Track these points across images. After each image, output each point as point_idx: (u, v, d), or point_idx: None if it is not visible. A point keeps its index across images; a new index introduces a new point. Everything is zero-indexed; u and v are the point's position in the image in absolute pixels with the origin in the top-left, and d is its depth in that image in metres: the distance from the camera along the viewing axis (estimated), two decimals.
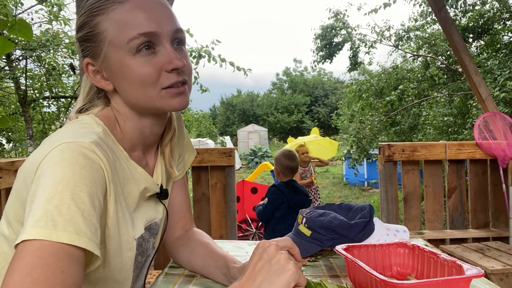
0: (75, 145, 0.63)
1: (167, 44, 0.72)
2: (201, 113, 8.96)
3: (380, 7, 6.74)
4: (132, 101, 0.75)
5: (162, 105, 0.74)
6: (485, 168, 2.87)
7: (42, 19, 5.56)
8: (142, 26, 0.70)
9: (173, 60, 0.71)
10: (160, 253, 2.67)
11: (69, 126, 0.73)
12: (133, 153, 0.80)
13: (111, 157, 0.70)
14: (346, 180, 10.86)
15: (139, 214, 0.79)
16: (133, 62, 0.70)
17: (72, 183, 0.58)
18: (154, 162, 0.87)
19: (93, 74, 0.76)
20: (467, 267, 0.69)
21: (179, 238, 0.99)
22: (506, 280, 2.13)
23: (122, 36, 0.70)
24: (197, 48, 5.77)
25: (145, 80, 0.71)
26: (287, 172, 2.98)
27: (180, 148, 0.99)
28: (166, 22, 0.72)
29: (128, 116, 0.78)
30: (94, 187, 0.61)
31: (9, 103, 7.04)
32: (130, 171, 0.76)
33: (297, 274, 0.60)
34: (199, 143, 12.91)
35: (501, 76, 5.09)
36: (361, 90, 7.56)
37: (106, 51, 0.72)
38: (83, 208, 0.58)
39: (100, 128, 0.73)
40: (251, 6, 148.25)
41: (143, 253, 0.81)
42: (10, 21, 1.53)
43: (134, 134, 0.79)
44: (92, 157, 0.63)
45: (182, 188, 1.01)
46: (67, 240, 0.54)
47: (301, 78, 38.13)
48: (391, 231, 1.08)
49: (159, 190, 0.84)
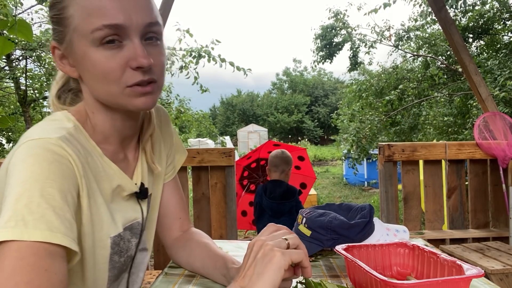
0: (41, 142, 0.61)
1: (136, 39, 0.66)
2: (201, 113, 8.96)
3: (380, 7, 6.74)
4: (95, 94, 0.71)
5: (125, 104, 0.69)
6: (485, 168, 2.87)
7: (42, 19, 5.56)
8: (108, 17, 0.64)
9: (139, 57, 0.65)
10: (160, 253, 2.67)
11: (40, 123, 0.71)
12: (107, 146, 0.76)
13: (82, 153, 0.68)
14: (346, 180, 10.86)
15: (118, 212, 0.76)
16: (95, 54, 0.65)
17: (41, 179, 0.57)
18: (135, 156, 0.84)
19: (59, 58, 0.72)
20: (467, 267, 0.69)
21: (178, 239, 0.98)
22: (506, 280, 2.13)
23: (87, 25, 0.64)
24: (197, 48, 5.77)
25: (107, 76, 0.66)
26: (271, 167, 2.82)
27: (168, 148, 0.96)
28: (138, 13, 0.66)
29: (96, 108, 0.74)
30: (65, 183, 0.60)
31: (9, 103, 7.04)
32: (103, 167, 0.73)
33: (284, 256, 0.60)
34: (199, 143, 12.91)
35: (501, 76, 5.10)
36: (361, 90, 7.57)
37: (71, 38, 0.67)
38: (54, 204, 0.56)
39: (71, 123, 0.71)
40: (251, 6, 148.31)
41: (121, 253, 0.77)
42: (10, 21, 1.53)
43: (104, 127, 0.75)
44: (60, 153, 0.62)
45: (175, 189, 0.99)
46: (39, 237, 0.53)
47: (301, 78, 38.15)
48: (391, 231, 1.08)
49: (138, 189, 0.81)
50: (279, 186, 2.75)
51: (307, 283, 0.74)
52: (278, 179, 2.78)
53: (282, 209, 2.66)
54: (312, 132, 32.78)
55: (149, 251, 0.92)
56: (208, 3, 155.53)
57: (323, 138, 32.67)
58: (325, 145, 28.32)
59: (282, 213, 2.67)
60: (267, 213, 2.71)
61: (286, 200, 2.70)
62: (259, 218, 2.80)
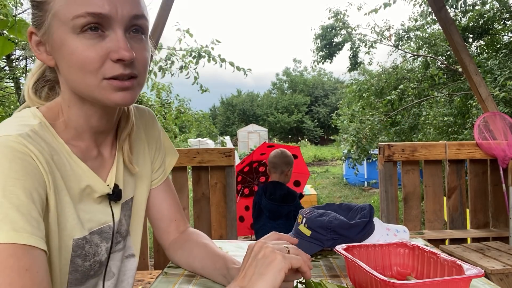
0: (0, 139, 0.59)
1: (119, 30, 0.63)
2: (201, 113, 8.96)
3: (380, 7, 6.74)
4: (70, 85, 0.68)
5: (101, 97, 0.65)
6: (485, 168, 2.87)
7: None
8: (92, 5, 0.61)
9: (120, 49, 0.62)
10: (160, 253, 2.67)
11: (4, 121, 0.68)
12: (79, 143, 0.73)
13: (47, 150, 0.65)
14: (346, 180, 10.86)
15: (86, 215, 0.73)
16: (74, 42, 0.62)
17: (2, 178, 0.55)
18: (111, 154, 0.80)
19: (35, 45, 0.69)
20: (467, 267, 0.69)
21: (176, 240, 0.98)
22: (506, 280, 2.13)
23: (69, 10, 0.61)
24: (197, 48, 5.76)
25: (85, 66, 0.63)
26: (271, 168, 2.80)
27: (154, 151, 0.93)
28: (124, 4, 0.63)
29: (72, 101, 0.70)
30: (30, 180, 0.58)
31: (9, 103, 7.03)
32: (70, 166, 0.70)
33: (285, 260, 0.60)
34: (199, 143, 12.91)
35: (501, 76, 5.09)
36: (361, 90, 7.57)
37: (50, 23, 0.64)
38: (18, 203, 0.54)
39: (37, 120, 0.68)
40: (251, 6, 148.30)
41: (85, 257, 0.73)
42: (10, 21, 1.53)
43: (78, 122, 0.72)
44: (21, 149, 0.59)
45: (167, 192, 0.97)
46: (4, 239, 0.52)
47: (301, 78, 38.16)
48: (391, 231, 1.08)
49: (110, 191, 0.77)
50: (280, 188, 2.73)
51: (307, 283, 0.74)
52: (279, 181, 2.76)
53: (280, 212, 2.64)
54: (312, 132, 32.79)
55: (137, 257, 0.91)
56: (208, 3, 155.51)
57: (323, 138, 32.67)
58: (325, 145, 28.32)
59: (280, 216, 2.66)
60: (264, 214, 2.70)
61: (285, 203, 2.67)
62: (256, 218, 2.80)
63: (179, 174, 2.69)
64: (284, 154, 2.80)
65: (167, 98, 7.45)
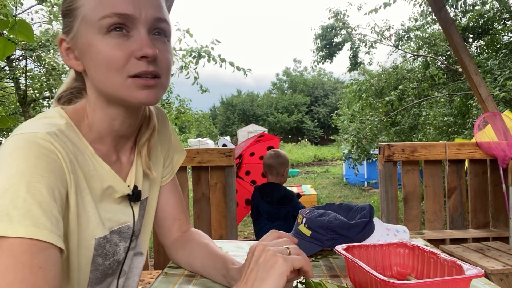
0: (28, 136, 0.60)
1: (143, 30, 0.67)
2: (201, 113, 8.95)
3: (380, 7, 6.75)
4: (97, 85, 0.70)
5: (126, 95, 0.68)
6: (485, 168, 2.87)
7: (42, 19, 5.55)
8: (118, 6, 0.65)
9: (144, 46, 0.66)
10: (160, 253, 2.67)
11: (31, 119, 0.70)
12: (100, 146, 0.75)
13: (72, 149, 0.67)
14: (346, 180, 10.85)
15: (107, 214, 0.75)
16: (101, 42, 0.66)
17: (27, 174, 0.56)
18: (130, 159, 0.83)
19: (65, 52, 0.72)
20: (467, 267, 0.69)
21: (177, 240, 0.98)
22: (506, 280, 2.13)
23: (96, 12, 0.65)
24: (197, 48, 5.77)
25: (111, 64, 0.66)
26: (266, 170, 2.79)
27: (166, 150, 0.95)
28: (147, 7, 0.67)
29: (97, 105, 0.73)
30: (53, 178, 0.59)
31: (9, 103, 7.03)
32: (94, 166, 0.72)
33: (287, 263, 0.59)
34: (199, 143, 12.90)
35: (501, 76, 5.09)
36: (361, 90, 7.57)
37: (78, 27, 0.68)
38: (41, 199, 0.55)
39: (63, 121, 0.70)
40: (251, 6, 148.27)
41: (106, 256, 0.75)
42: (11, 21, 1.53)
43: (102, 126, 0.74)
44: (48, 147, 0.61)
45: (172, 191, 0.98)
46: (24, 234, 0.52)
47: (301, 78, 38.14)
48: (391, 231, 1.08)
49: (130, 191, 0.79)
50: (277, 190, 2.72)
51: (307, 283, 0.74)
52: (275, 182, 2.75)
53: (277, 214, 2.63)
54: (312, 132, 32.77)
55: (145, 255, 0.92)
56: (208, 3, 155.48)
57: (323, 138, 32.65)
58: (325, 145, 28.30)
59: (278, 218, 2.66)
60: (263, 216, 2.70)
61: (283, 205, 2.66)
62: (256, 220, 2.80)
63: (179, 174, 2.65)
64: (277, 154, 2.78)
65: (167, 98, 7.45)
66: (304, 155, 18.97)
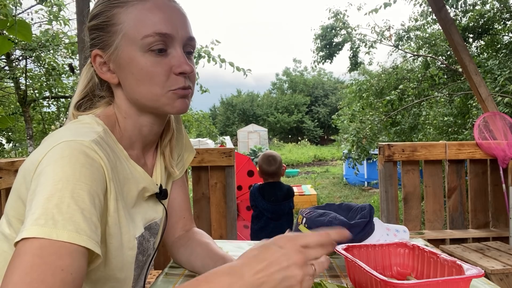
0: (75, 144, 0.62)
1: (179, 48, 0.74)
2: (201, 113, 8.95)
3: (380, 7, 6.74)
4: (135, 97, 0.76)
5: (165, 105, 0.75)
6: (485, 168, 2.87)
7: (42, 19, 5.55)
8: (159, 26, 0.71)
9: (183, 64, 0.73)
10: (160, 253, 2.67)
11: (70, 126, 0.73)
12: (131, 151, 0.80)
13: (112, 156, 0.70)
14: (346, 180, 10.85)
15: (139, 214, 0.80)
16: (143, 59, 0.72)
17: (72, 181, 0.58)
18: (152, 162, 0.88)
19: (99, 65, 0.77)
20: (467, 267, 0.69)
21: (179, 238, 0.99)
22: (506, 280, 2.13)
23: (138, 31, 0.71)
24: (197, 48, 5.77)
25: (153, 78, 0.72)
26: (264, 175, 2.85)
27: (180, 148, 0.99)
28: (182, 27, 0.74)
29: (128, 113, 0.79)
30: (95, 186, 0.61)
31: (9, 103, 7.03)
32: (130, 170, 0.77)
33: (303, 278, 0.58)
34: (199, 143, 12.90)
35: (501, 76, 5.09)
36: (361, 90, 7.56)
37: (119, 43, 0.73)
38: (83, 206, 0.58)
39: (101, 127, 0.73)
40: (251, 6, 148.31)
41: (143, 252, 0.82)
42: (10, 21, 1.53)
43: (133, 132, 0.80)
44: (93, 156, 0.63)
45: (181, 188, 1.01)
46: (67, 238, 0.54)
47: (301, 78, 38.13)
48: (391, 231, 1.08)
49: (158, 190, 0.85)
50: (279, 188, 2.76)
51: None
52: (274, 181, 2.79)
53: (282, 211, 2.68)
54: (312, 132, 32.77)
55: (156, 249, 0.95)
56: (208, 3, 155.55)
57: (323, 138, 32.65)
58: (325, 145, 28.30)
59: (282, 214, 2.68)
60: (265, 215, 2.71)
61: (286, 200, 2.73)
62: (257, 220, 2.80)
63: None
64: (273, 158, 2.83)
65: None
66: (304, 155, 18.98)
